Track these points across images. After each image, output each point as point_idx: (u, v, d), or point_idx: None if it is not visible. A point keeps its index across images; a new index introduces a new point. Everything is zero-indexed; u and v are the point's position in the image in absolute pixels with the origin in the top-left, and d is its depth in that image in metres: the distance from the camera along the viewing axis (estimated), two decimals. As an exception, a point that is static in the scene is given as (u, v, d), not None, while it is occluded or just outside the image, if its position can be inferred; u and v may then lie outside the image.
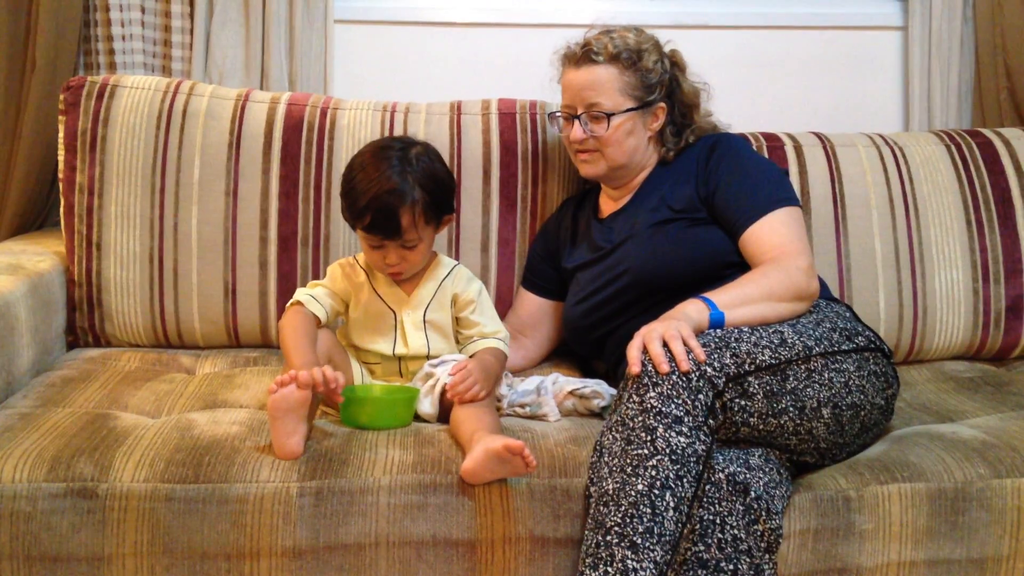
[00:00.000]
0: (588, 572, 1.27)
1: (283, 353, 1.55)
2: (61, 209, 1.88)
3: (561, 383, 1.62)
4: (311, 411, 1.44)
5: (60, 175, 1.88)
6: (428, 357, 1.61)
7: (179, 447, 1.40)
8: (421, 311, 1.62)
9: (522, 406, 1.59)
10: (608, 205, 1.82)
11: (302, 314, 1.59)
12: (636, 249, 1.69)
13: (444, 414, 1.54)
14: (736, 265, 1.61)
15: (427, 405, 1.54)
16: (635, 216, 1.73)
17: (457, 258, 1.89)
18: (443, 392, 1.53)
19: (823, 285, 1.67)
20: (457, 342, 1.67)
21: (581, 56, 1.72)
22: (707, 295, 1.48)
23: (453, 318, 1.66)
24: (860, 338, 1.53)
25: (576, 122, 1.72)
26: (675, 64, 1.78)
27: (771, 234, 1.61)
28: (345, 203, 1.58)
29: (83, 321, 1.87)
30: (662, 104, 1.75)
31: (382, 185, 1.53)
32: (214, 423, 1.48)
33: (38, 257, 1.85)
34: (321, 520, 1.35)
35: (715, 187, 1.68)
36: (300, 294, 1.63)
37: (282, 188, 1.86)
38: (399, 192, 1.53)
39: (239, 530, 1.34)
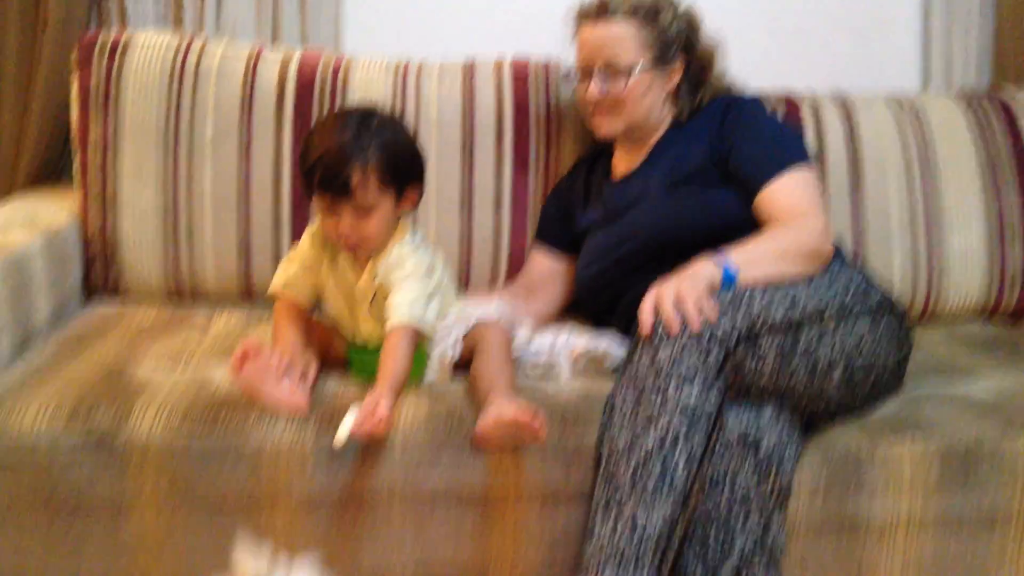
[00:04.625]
0: (598, 526, 1.29)
1: None
2: (75, 165, 1.88)
3: (573, 342, 1.62)
4: (306, 379, 1.43)
5: (73, 132, 1.88)
6: None
7: (196, 400, 1.42)
8: (366, 299, 1.53)
9: (534, 366, 1.60)
10: (621, 166, 1.81)
11: (283, 305, 1.56)
12: (649, 211, 1.68)
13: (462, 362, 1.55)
14: (750, 227, 1.61)
15: (431, 373, 1.53)
16: (648, 177, 1.73)
17: (470, 220, 1.88)
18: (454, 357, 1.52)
19: (837, 245, 1.67)
20: None
21: (598, 11, 1.71)
22: (720, 254, 1.48)
23: None
24: (874, 298, 1.53)
25: (592, 80, 1.71)
26: (691, 22, 1.77)
27: (786, 195, 1.60)
28: (299, 166, 1.50)
29: (99, 276, 1.88)
30: (678, 62, 1.74)
31: (334, 141, 1.44)
32: (230, 377, 1.49)
33: (53, 212, 1.86)
34: (335, 473, 1.37)
35: (729, 148, 1.67)
36: (277, 283, 1.57)
37: (295, 146, 1.86)
38: (350, 148, 1.44)
39: (256, 482, 1.36)
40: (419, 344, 1.54)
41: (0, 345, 1.53)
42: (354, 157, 1.43)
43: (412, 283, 1.47)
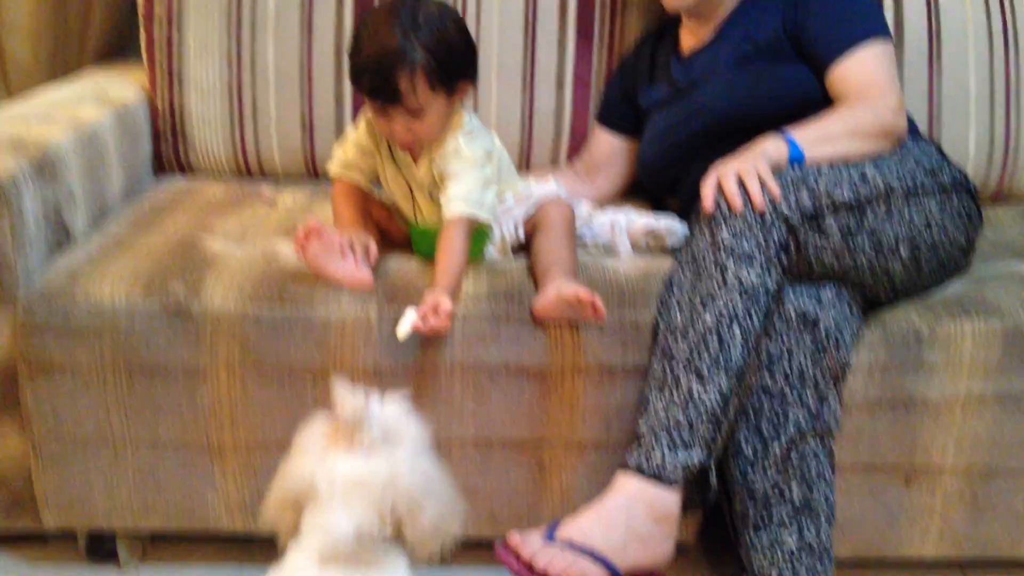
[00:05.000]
0: (654, 396, 1.31)
1: None
2: (142, 41, 1.90)
3: (635, 220, 1.62)
4: (370, 258, 1.45)
5: (139, 7, 1.89)
6: None
7: (265, 273, 1.46)
8: (425, 186, 1.53)
9: (595, 243, 1.61)
10: (689, 41, 1.76)
11: (341, 187, 1.57)
12: (717, 87, 1.64)
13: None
14: (822, 104, 1.56)
15: (492, 252, 1.55)
16: (717, 52, 1.68)
17: (531, 98, 1.86)
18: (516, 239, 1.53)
19: (911, 122, 1.62)
20: None
21: None
22: (787, 131, 1.45)
23: None
24: (945, 176, 1.49)
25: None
26: None
27: (859, 70, 1.55)
28: (349, 64, 1.47)
29: (168, 151, 1.92)
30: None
31: (381, 44, 1.39)
32: (295, 256, 1.53)
33: (123, 88, 1.89)
34: (399, 345, 1.40)
35: (803, 20, 1.61)
36: (334, 165, 1.57)
37: (356, 21, 1.84)
38: (397, 52, 1.38)
39: (323, 351, 1.40)
40: (479, 226, 1.55)
41: (78, 217, 1.58)
42: (402, 63, 1.38)
43: (468, 173, 1.46)
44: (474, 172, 1.47)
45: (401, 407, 1.10)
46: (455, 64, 1.44)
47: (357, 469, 1.05)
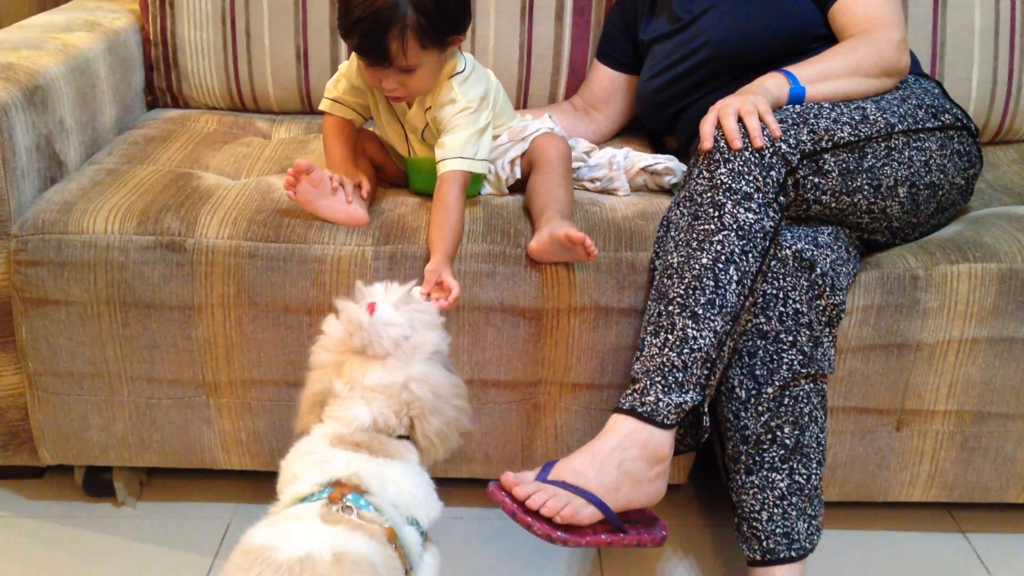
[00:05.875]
0: (649, 338, 1.31)
1: None
2: (133, -35, 1.86)
3: (633, 158, 1.61)
4: (362, 194, 1.45)
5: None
6: None
7: (260, 208, 1.45)
8: (418, 130, 1.52)
9: (593, 180, 1.59)
10: (691, -28, 1.73)
11: (332, 119, 1.54)
12: (718, 20, 1.62)
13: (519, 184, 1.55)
14: (824, 39, 1.54)
15: (487, 187, 1.54)
16: (720, -15, 1.65)
17: (530, 30, 1.83)
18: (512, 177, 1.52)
19: (914, 60, 1.60)
20: None
21: None
22: (789, 68, 1.43)
23: None
24: (946, 116, 1.48)
25: None
26: None
27: (863, 4, 1.52)
28: (338, 21, 1.43)
29: (161, 81, 1.89)
30: None
31: (371, 4, 1.36)
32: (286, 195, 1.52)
33: (114, 15, 1.85)
34: (395, 281, 1.40)
35: None
36: (325, 102, 1.55)
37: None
38: (388, 13, 1.35)
39: (318, 288, 1.40)
40: None
41: (70, 148, 1.57)
42: (392, 24, 1.36)
43: (462, 120, 1.45)
44: (468, 121, 1.45)
45: (414, 311, 1.15)
46: (447, 21, 1.41)
47: (374, 376, 1.10)
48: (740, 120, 1.33)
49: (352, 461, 1.07)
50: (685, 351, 1.28)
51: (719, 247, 1.30)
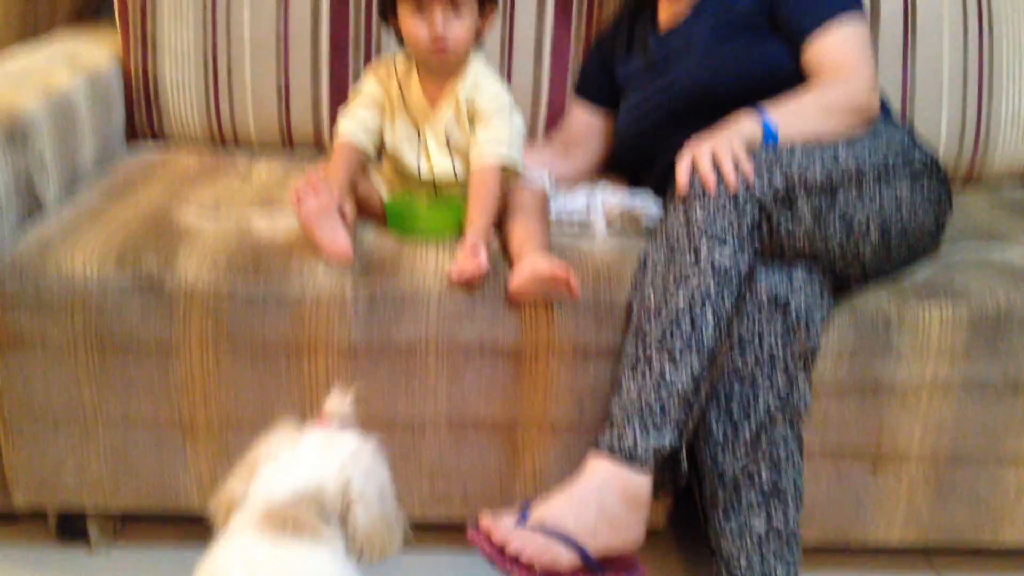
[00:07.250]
0: (626, 380, 1.32)
1: None
2: (115, 3, 1.86)
3: (609, 200, 1.62)
4: (345, 219, 1.44)
5: (112, -32, 1.85)
6: (457, 184, 1.55)
7: (239, 247, 1.45)
8: (442, 128, 1.54)
9: (570, 224, 1.60)
10: (667, 15, 1.75)
11: (344, 147, 1.55)
12: (693, 63, 1.64)
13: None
14: (799, 80, 1.56)
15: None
16: (693, 27, 1.67)
17: (509, 70, 1.84)
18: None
19: (884, 105, 1.63)
20: None
21: None
22: (762, 108, 1.46)
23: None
24: (916, 160, 1.50)
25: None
26: None
27: (833, 47, 1.55)
28: None
29: (142, 118, 1.89)
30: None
31: None
32: (271, 225, 1.52)
33: (95, 52, 1.85)
34: (374, 323, 1.40)
35: None
36: (344, 127, 1.56)
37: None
38: None
39: (297, 328, 1.40)
40: (454, 200, 1.55)
41: (49, 186, 1.56)
42: None
43: (500, 120, 1.50)
44: (505, 121, 1.51)
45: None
46: None
47: (327, 434, 1.11)
48: (715, 162, 1.35)
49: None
50: (663, 391, 1.29)
51: (695, 288, 1.31)
